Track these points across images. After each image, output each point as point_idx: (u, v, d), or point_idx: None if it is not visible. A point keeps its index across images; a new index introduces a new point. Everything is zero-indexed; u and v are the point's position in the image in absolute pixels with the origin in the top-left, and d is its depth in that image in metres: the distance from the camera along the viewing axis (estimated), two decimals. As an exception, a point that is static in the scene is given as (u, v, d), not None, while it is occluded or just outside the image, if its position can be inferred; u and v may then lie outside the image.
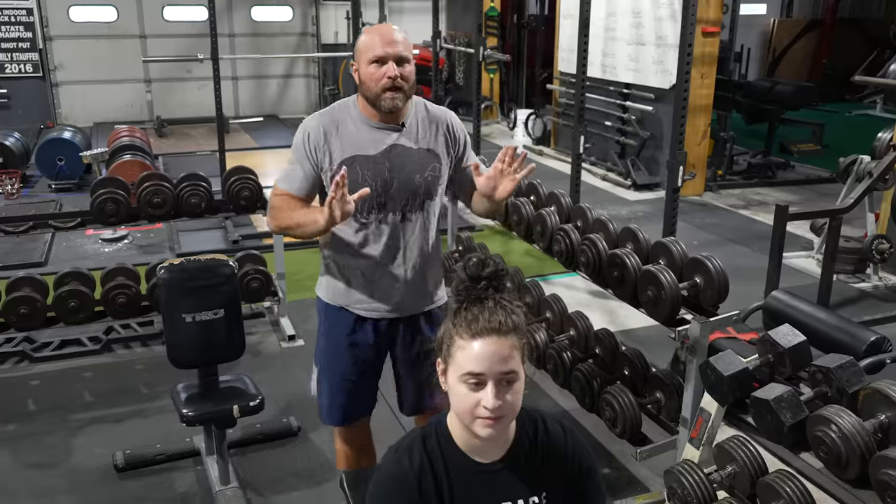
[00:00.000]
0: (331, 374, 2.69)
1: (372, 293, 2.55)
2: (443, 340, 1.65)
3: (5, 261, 5.92)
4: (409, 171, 2.46)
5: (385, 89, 2.37)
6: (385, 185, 2.44)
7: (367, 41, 2.40)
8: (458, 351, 1.59)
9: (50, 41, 11.70)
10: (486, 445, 1.66)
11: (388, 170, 2.44)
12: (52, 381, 4.26)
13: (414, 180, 2.47)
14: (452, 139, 2.57)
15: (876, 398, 2.27)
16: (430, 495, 1.65)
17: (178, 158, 9.48)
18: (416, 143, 2.49)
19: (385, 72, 2.36)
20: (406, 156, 2.47)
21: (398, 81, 2.36)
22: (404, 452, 1.67)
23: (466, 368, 1.56)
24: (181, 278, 3.15)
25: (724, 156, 8.75)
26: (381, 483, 1.68)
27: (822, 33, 14.96)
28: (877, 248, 5.28)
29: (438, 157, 2.52)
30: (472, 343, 1.57)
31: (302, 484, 3.40)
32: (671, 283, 2.95)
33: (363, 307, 2.58)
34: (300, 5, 13.06)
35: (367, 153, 2.44)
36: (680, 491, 2.68)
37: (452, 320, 1.63)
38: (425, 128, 2.52)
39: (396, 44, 2.38)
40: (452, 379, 1.61)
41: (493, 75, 12.30)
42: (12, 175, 7.94)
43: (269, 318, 5.09)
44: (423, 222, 2.54)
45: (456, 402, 1.61)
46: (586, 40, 5.74)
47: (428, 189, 2.51)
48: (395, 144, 2.46)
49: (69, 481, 3.41)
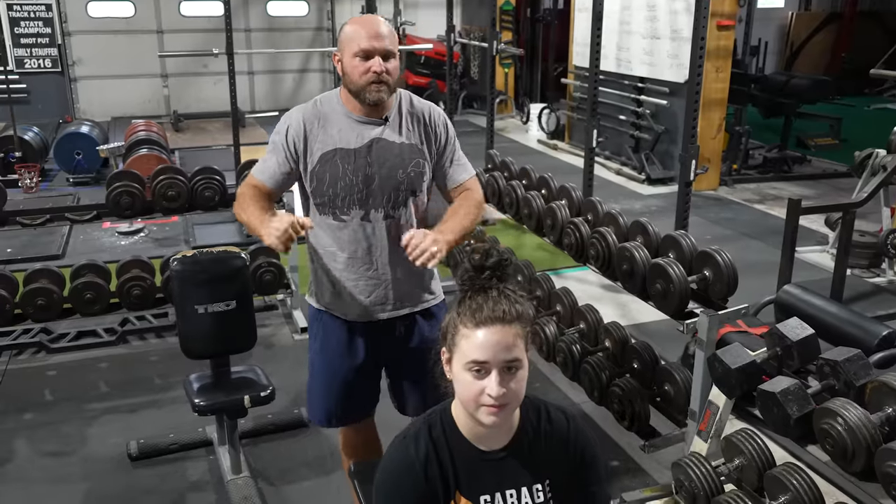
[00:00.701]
0: (321, 377, 2.61)
1: (360, 296, 2.48)
2: (447, 329, 1.66)
3: (24, 253, 6.00)
4: (391, 165, 2.40)
5: (370, 83, 2.31)
6: (367, 181, 2.38)
7: (352, 33, 2.34)
8: (463, 339, 1.61)
9: (68, 36, 11.82)
10: (490, 433, 1.68)
11: (369, 164, 2.38)
12: (68, 371, 4.33)
13: (397, 175, 2.41)
14: (433, 135, 2.49)
15: (883, 391, 2.27)
16: (436, 483, 1.67)
17: (194, 152, 9.55)
18: (400, 138, 2.43)
19: (370, 66, 2.30)
20: (388, 150, 2.41)
21: (384, 76, 2.31)
22: (411, 440, 1.70)
23: (471, 356, 1.58)
24: (194, 270, 3.19)
25: (740, 150, 8.70)
26: (387, 471, 1.70)
27: (841, 26, 14.81)
28: (892, 242, 5.23)
29: (423, 151, 2.46)
30: (476, 332, 1.59)
31: (312, 473, 3.44)
32: (679, 276, 2.95)
33: (354, 312, 2.50)
34: (315, 0, 13.09)
35: (349, 147, 2.38)
36: (687, 483, 2.69)
37: (457, 309, 1.65)
38: (409, 121, 2.45)
39: (383, 38, 2.32)
40: (457, 367, 1.62)
41: (507, 70, 12.29)
42: (31, 169, 8.02)
43: (283, 310, 5.13)
44: (408, 219, 2.47)
45: (461, 390, 1.63)
46: (599, 34, 5.73)
47: (411, 184, 2.44)
48: (378, 138, 2.40)
49: (84, 469, 3.47)
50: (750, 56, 11.31)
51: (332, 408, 2.64)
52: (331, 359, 2.58)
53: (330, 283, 2.51)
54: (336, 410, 2.65)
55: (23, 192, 7.88)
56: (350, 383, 2.59)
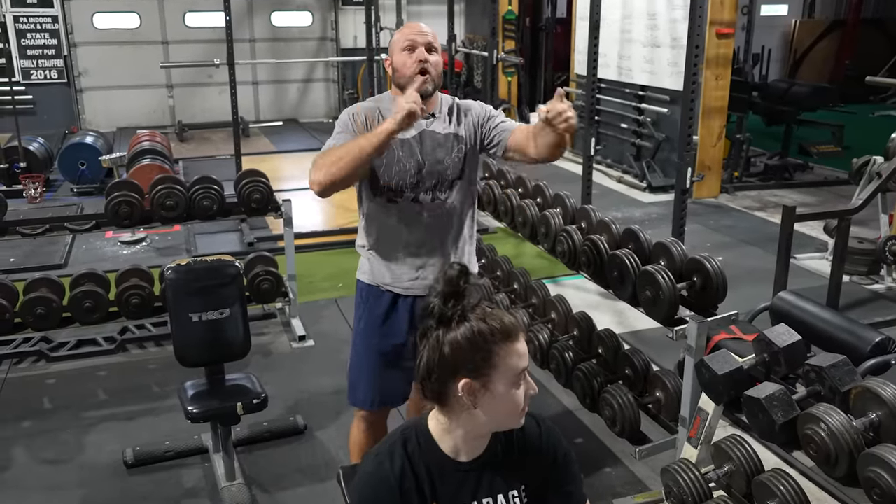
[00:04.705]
0: (366, 353, 2.80)
1: (408, 270, 2.71)
2: (467, 360, 1.59)
3: (26, 263, 6.05)
4: (438, 153, 2.65)
5: (416, 72, 2.56)
6: (418, 166, 2.63)
7: (399, 35, 2.65)
8: (504, 358, 1.60)
9: (74, 48, 11.93)
10: (467, 444, 1.69)
11: (420, 152, 2.63)
12: (67, 379, 4.36)
13: (444, 161, 2.65)
14: (476, 117, 2.71)
15: (867, 396, 2.27)
16: (412, 496, 1.67)
17: (198, 162, 9.60)
18: (446, 128, 2.68)
19: (416, 57, 2.57)
20: (435, 139, 2.65)
21: (427, 66, 2.57)
22: (385, 456, 1.69)
23: (520, 367, 1.62)
24: (188, 279, 3.23)
25: (741, 157, 8.70)
26: (362, 486, 1.70)
27: (844, 34, 14.80)
28: (890, 249, 5.23)
29: (463, 138, 2.68)
30: (515, 344, 1.62)
31: (306, 480, 3.45)
32: (668, 283, 2.96)
33: (400, 286, 2.72)
34: (319, 10, 13.18)
35: (404, 136, 2.59)
36: (676, 490, 2.69)
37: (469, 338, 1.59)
38: (454, 116, 2.70)
39: (426, 34, 2.63)
40: (501, 387, 1.60)
41: (510, 78, 12.33)
42: (35, 179, 8.10)
43: (281, 318, 5.16)
44: (454, 201, 2.70)
45: (507, 407, 1.63)
46: (597, 42, 5.76)
47: (456, 169, 2.68)
48: (426, 130, 2.64)
49: (80, 476, 3.49)
50: (752, 64, 11.29)
51: (374, 387, 2.81)
52: (373, 337, 2.77)
53: (381, 259, 2.74)
54: (376, 391, 2.81)
55: (27, 202, 7.96)
56: (390, 360, 2.75)
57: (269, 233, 6.81)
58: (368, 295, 2.79)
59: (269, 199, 4.88)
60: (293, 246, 4.98)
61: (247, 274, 4.81)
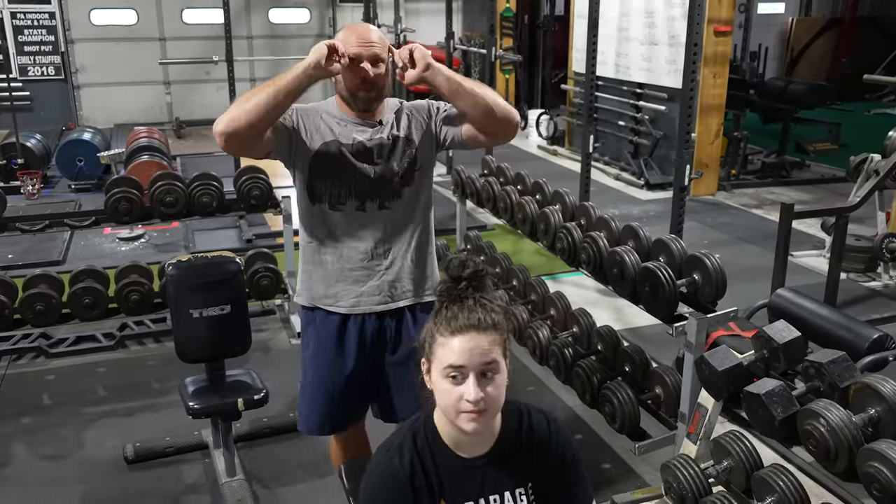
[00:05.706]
0: (315, 384, 2.61)
1: (353, 286, 2.51)
2: (425, 339, 1.69)
3: (25, 259, 6.04)
4: (384, 159, 2.47)
5: (359, 88, 2.38)
6: (363, 172, 2.45)
7: (343, 39, 2.38)
8: (440, 348, 1.63)
9: (72, 44, 11.90)
10: (472, 440, 1.70)
11: (366, 158, 2.45)
12: (66, 375, 4.36)
13: (392, 168, 2.47)
14: (426, 116, 2.54)
15: (866, 392, 2.29)
16: (422, 493, 1.69)
17: (195, 159, 9.59)
18: (394, 132, 2.49)
19: (360, 74, 2.36)
20: (382, 146, 2.47)
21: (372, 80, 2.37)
22: (395, 452, 1.71)
23: (447, 362, 1.61)
24: (188, 275, 3.23)
25: (738, 155, 8.72)
26: (373, 483, 1.71)
27: (841, 32, 14.84)
28: (887, 246, 5.25)
29: (413, 141, 2.51)
30: (452, 339, 1.62)
31: (306, 476, 3.46)
32: (668, 280, 2.97)
33: (345, 303, 2.52)
34: (317, 7, 13.17)
35: (347, 141, 2.45)
36: (675, 485, 2.71)
37: (434, 320, 1.67)
38: (401, 119, 2.52)
39: (372, 44, 2.36)
40: (436, 375, 1.65)
41: (508, 76, 12.33)
42: (33, 175, 8.09)
43: (280, 315, 5.16)
44: (403, 210, 2.52)
45: (441, 398, 1.65)
46: (595, 40, 5.78)
47: (404, 176, 2.50)
48: (372, 137, 2.46)
49: (80, 472, 3.50)
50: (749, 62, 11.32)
51: (324, 414, 2.64)
52: (323, 363, 2.58)
53: (322, 275, 2.53)
54: (328, 417, 2.64)
55: (25, 198, 7.95)
56: (341, 387, 2.58)
57: (267, 229, 6.81)
58: (312, 319, 2.59)
59: (269, 195, 4.89)
60: (293, 242, 4.98)
61: (246, 271, 4.81)
